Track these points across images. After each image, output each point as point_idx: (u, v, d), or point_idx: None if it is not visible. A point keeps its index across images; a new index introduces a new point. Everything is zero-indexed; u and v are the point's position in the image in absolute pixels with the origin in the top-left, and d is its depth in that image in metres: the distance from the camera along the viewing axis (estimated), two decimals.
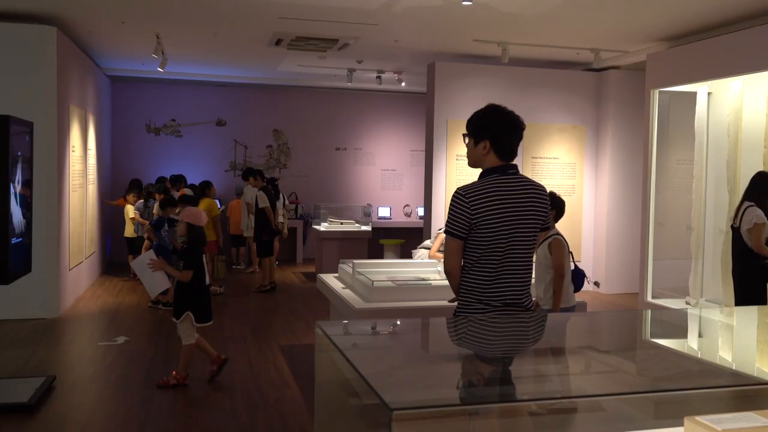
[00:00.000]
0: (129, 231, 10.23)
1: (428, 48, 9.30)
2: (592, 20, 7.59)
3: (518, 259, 3.10)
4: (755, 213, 5.46)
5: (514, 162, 3.19)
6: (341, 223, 11.49)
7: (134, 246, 10.38)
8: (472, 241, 3.08)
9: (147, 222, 9.33)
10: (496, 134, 3.13)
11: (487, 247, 3.06)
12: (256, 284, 10.18)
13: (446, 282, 6.55)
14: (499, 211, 3.05)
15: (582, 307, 6.60)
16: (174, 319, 5.53)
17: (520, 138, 3.18)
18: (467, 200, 3.04)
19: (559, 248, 4.83)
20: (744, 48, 7.02)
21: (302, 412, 5.00)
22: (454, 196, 3.10)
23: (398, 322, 3.99)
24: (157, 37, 8.64)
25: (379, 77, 11.47)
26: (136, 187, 10.67)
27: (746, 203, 5.60)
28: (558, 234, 4.90)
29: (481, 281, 3.09)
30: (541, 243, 4.87)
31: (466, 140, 3.24)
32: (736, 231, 5.64)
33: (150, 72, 11.56)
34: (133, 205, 10.21)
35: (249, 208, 10.66)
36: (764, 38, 6.78)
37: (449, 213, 3.11)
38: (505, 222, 3.05)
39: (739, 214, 5.63)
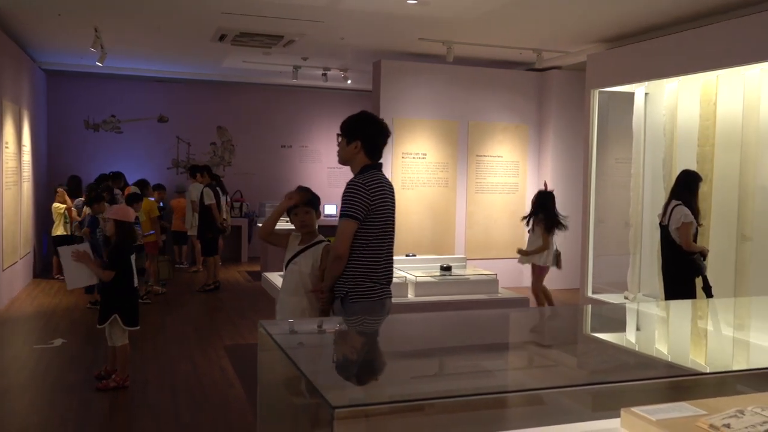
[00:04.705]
0: (58, 229, 9.92)
1: (374, 46, 9.30)
2: (534, 21, 7.72)
3: (392, 242, 3.70)
4: (683, 212, 5.63)
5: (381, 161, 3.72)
6: (287, 222, 11.38)
7: (64, 245, 10.07)
8: (366, 226, 3.53)
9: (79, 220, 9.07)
10: (368, 136, 3.63)
11: (380, 231, 3.57)
12: (200, 283, 10.01)
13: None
14: (386, 200, 3.60)
15: (525, 302, 6.71)
16: (98, 326, 5.34)
17: (386, 142, 3.71)
18: (367, 188, 3.53)
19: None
20: (679, 50, 7.25)
21: (246, 412, 4.94)
22: (353, 185, 3.54)
23: (343, 321, 3.97)
24: (96, 31, 8.38)
25: (324, 74, 11.41)
26: (73, 184, 10.40)
27: (674, 202, 5.76)
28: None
29: (374, 262, 3.57)
30: (308, 248, 4.02)
31: (339, 139, 3.70)
32: (664, 229, 5.80)
33: (88, 66, 11.21)
34: (61, 203, 9.90)
35: (194, 206, 10.46)
36: (698, 41, 7.01)
37: (348, 199, 3.53)
38: (389, 210, 3.63)
39: (667, 212, 5.79)
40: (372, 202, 3.52)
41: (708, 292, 5.67)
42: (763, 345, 2.72)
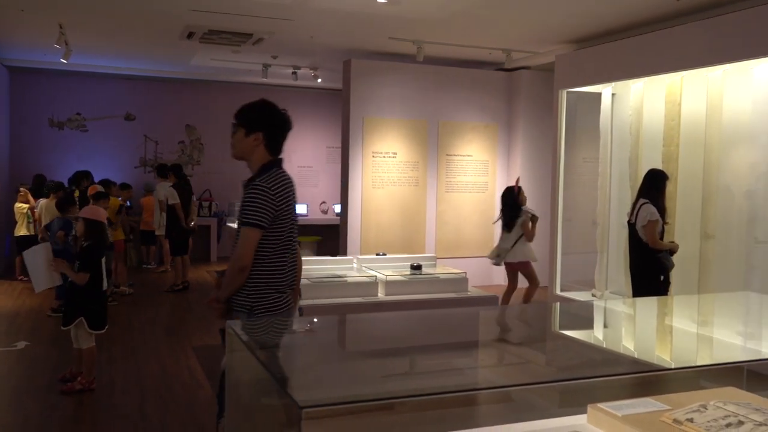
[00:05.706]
0: (21, 230, 9.71)
1: (344, 45, 9.28)
2: (504, 21, 7.77)
3: (297, 245, 3.38)
4: (649, 210, 5.72)
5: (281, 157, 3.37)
6: None
7: (27, 246, 9.86)
8: (271, 234, 3.18)
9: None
10: (270, 128, 3.26)
11: (285, 238, 3.24)
12: (168, 284, 9.89)
13: (362, 279, 6.57)
14: (290, 202, 3.27)
15: (494, 300, 6.76)
16: (63, 327, 5.23)
17: (286, 137, 3.33)
18: (273, 192, 3.16)
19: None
20: (645, 51, 7.36)
21: (215, 412, 4.88)
22: (258, 189, 3.16)
23: (314, 320, 3.96)
24: (60, 27, 8.23)
25: (294, 73, 11.36)
26: (37, 184, 10.18)
27: (641, 200, 5.85)
28: None
29: (280, 271, 3.24)
30: None
31: (234, 130, 3.29)
32: (632, 227, 5.90)
33: (53, 63, 11.01)
34: (24, 203, 9.69)
35: (161, 206, 10.33)
36: (663, 43, 7.13)
37: (254, 205, 3.15)
38: (293, 213, 3.30)
39: (634, 211, 5.89)
40: (278, 207, 3.17)
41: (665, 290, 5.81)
42: (725, 341, 2.77)
